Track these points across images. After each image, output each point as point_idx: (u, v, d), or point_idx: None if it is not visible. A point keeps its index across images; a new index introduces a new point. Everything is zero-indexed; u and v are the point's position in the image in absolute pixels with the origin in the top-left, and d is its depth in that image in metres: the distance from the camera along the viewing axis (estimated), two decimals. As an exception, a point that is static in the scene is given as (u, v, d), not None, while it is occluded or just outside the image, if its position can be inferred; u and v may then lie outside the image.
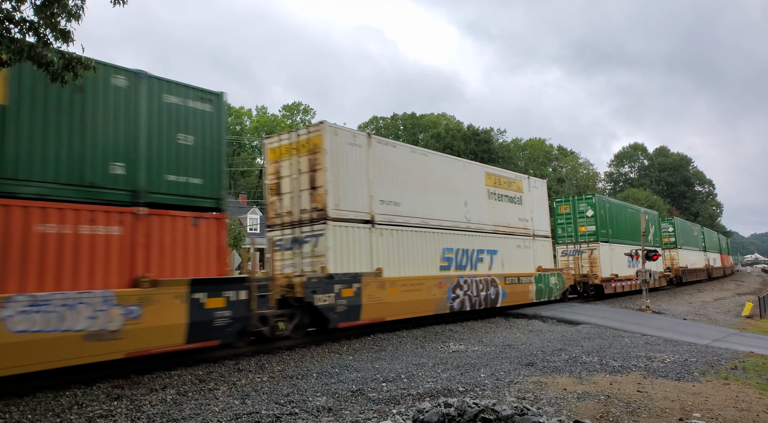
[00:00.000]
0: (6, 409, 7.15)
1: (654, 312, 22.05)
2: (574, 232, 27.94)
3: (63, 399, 7.68)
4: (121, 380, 8.81)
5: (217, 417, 6.75)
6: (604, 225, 27.78)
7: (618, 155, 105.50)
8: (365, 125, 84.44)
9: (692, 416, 6.91)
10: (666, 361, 10.79)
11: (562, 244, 28.28)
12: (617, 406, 7.22)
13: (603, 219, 27.68)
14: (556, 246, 27.51)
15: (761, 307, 26.49)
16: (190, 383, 8.73)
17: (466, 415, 5.93)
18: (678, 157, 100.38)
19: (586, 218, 27.51)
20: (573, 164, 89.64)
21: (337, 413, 6.84)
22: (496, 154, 62.20)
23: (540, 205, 23.05)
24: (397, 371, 9.43)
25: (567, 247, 28.20)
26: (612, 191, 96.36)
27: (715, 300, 31.46)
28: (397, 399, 7.47)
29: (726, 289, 41.78)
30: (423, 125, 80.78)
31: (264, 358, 10.86)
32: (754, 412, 7.22)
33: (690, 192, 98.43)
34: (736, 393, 8.28)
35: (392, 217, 15.22)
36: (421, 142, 66.98)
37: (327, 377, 9.09)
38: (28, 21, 6.29)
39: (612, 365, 10.22)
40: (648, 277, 24.03)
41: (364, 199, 14.42)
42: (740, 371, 10.25)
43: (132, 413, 6.99)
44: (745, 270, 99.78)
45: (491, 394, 7.81)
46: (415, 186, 16.15)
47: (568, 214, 28.38)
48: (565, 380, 8.87)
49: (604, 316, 18.91)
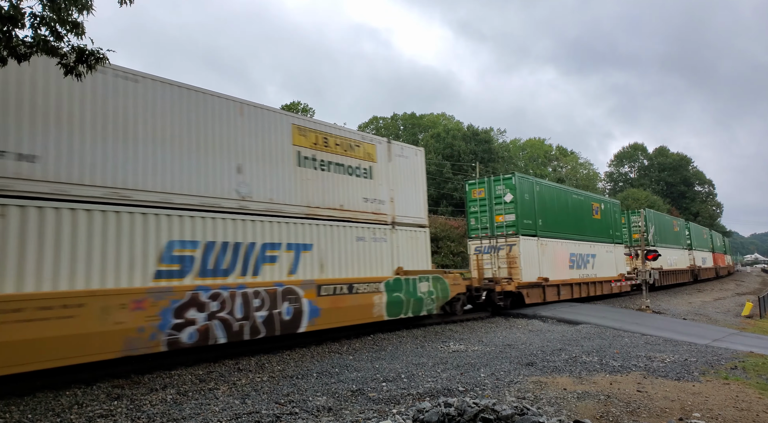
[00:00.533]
0: (6, 409, 7.15)
1: (654, 312, 22.05)
2: (490, 222, 21.33)
3: (63, 399, 7.68)
4: (121, 380, 8.82)
5: (217, 417, 6.75)
6: (529, 213, 21.34)
7: (618, 155, 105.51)
8: (365, 125, 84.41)
9: (692, 416, 6.91)
10: (666, 361, 10.80)
11: (476, 239, 21.75)
12: (617, 406, 7.22)
13: (527, 206, 21.22)
14: (469, 241, 22.14)
15: (761, 307, 26.49)
16: (190, 383, 8.74)
17: (466, 414, 5.93)
18: (678, 157, 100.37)
19: (504, 205, 20.99)
20: (573, 164, 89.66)
21: (338, 413, 6.84)
22: (496, 154, 62.18)
23: (409, 182, 16.23)
24: (397, 371, 9.43)
25: (482, 242, 21.52)
26: (612, 191, 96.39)
27: (715, 300, 31.47)
28: (397, 399, 7.48)
29: (726, 289, 41.78)
30: (423, 125, 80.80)
31: (264, 358, 10.86)
32: (754, 411, 7.23)
33: (690, 192, 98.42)
34: (736, 393, 8.28)
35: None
36: (421, 141, 66.98)
37: (327, 377, 9.09)
38: (39, 15, 6.32)
39: (612, 365, 10.23)
40: (648, 277, 24.03)
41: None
42: (740, 371, 10.25)
43: (132, 413, 7.00)
44: (745, 270, 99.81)
45: (491, 393, 7.82)
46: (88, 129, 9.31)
47: (483, 201, 21.74)
48: (565, 380, 8.88)
49: (604, 316, 18.91)
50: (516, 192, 20.84)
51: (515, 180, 20.95)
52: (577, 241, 24.48)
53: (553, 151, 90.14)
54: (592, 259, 25.73)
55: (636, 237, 35.20)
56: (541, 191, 22.67)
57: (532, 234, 21.34)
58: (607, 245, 27.67)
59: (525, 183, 21.61)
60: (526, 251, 20.67)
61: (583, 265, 24.74)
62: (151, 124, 10.21)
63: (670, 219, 42.21)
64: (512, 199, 20.89)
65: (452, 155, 58.84)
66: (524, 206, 21.08)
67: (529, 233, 21.09)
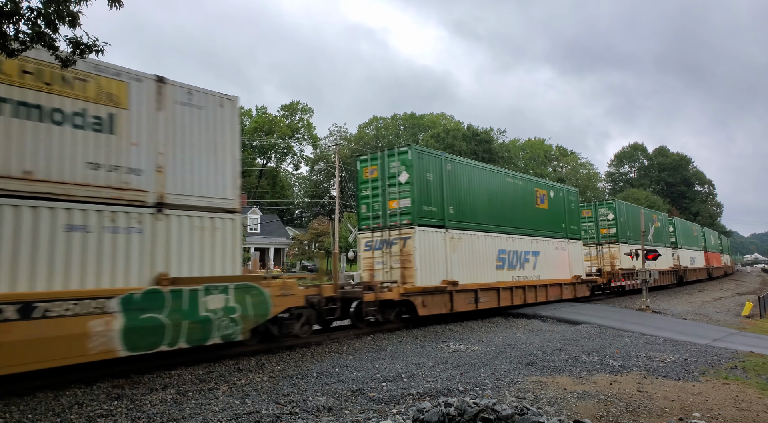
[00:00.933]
0: (6, 409, 7.15)
1: (654, 312, 22.05)
2: (383, 210, 16.47)
3: (63, 399, 7.68)
4: (122, 380, 8.82)
5: (217, 417, 6.75)
6: (433, 198, 16.39)
7: (618, 155, 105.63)
8: (365, 125, 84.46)
9: (692, 416, 6.91)
10: (666, 361, 10.80)
11: (367, 231, 16.80)
12: (617, 406, 7.22)
13: (430, 188, 16.33)
14: (360, 235, 17.19)
15: (761, 307, 26.49)
16: (190, 383, 8.74)
17: (466, 414, 5.93)
18: (678, 157, 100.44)
19: (399, 187, 16.05)
20: (573, 164, 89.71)
21: (338, 413, 6.84)
22: (496, 154, 62.21)
23: (203, 144, 10.85)
24: (397, 371, 9.43)
25: (373, 235, 16.65)
26: (612, 191, 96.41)
27: (715, 300, 31.47)
28: (397, 399, 7.48)
29: (726, 289, 41.79)
30: (423, 125, 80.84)
31: (264, 358, 10.86)
32: (753, 411, 7.23)
33: (690, 192, 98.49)
34: (736, 393, 8.28)
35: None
36: (421, 141, 67.00)
37: (327, 377, 9.10)
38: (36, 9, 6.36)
39: (612, 365, 10.23)
40: (648, 277, 24.03)
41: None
42: (740, 371, 10.25)
43: (132, 413, 7.00)
44: (745, 270, 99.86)
45: (491, 393, 7.82)
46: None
47: (376, 182, 16.69)
48: (565, 380, 8.88)
49: (604, 316, 18.91)
50: (413, 170, 15.78)
51: (411, 154, 15.84)
52: (510, 236, 19.72)
53: (553, 151, 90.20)
54: (533, 258, 20.99)
55: (605, 232, 30.23)
56: (455, 171, 17.52)
57: (438, 224, 16.47)
58: (558, 241, 22.90)
59: (428, 159, 16.54)
60: (424, 246, 15.75)
61: (519, 265, 20.10)
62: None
63: (648, 213, 36.19)
64: (408, 178, 15.72)
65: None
66: (425, 188, 16.12)
67: (431, 223, 16.19)
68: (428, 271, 15.79)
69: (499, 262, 19.06)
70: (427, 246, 15.89)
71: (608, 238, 30.33)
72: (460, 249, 17.18)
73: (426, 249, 15.86)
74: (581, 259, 24.84)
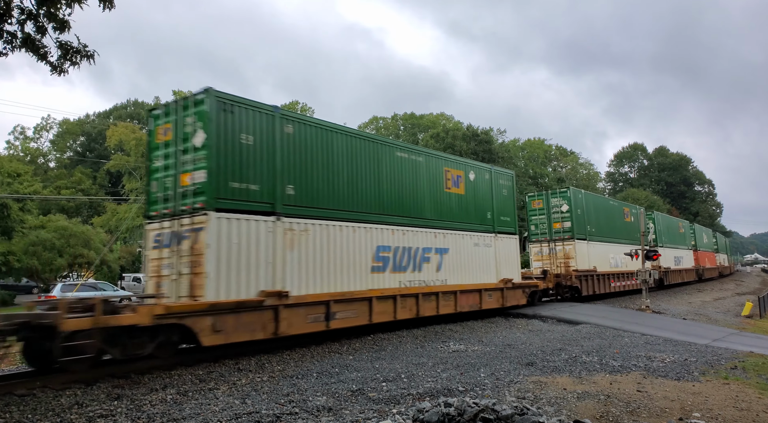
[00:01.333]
0: (6, 409, 7.15)
1: (654, 312, 22.06)
2: (174, 189, 11.58)
3: (63, 399, 7.68)
4: (122, 380, 8.82)
5: (217, 417, 6.75)
6: (250, 171, 11.47)
7: (618, 155, 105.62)
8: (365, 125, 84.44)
9: (692, 416, 6.91)
10: (666, 361, 10.80)
11: (156, 220, 11.82)
12: (617, 406, 7.22)
13: (244, 155, 11.38)
14: (148, 226, 12.00)
15: (761, 307, 26.50)
16: (190, 383, 8.74)
17: (466, 414, 5.93)
18: (677, 157, 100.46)
19: (194, 154, 11.17)
20: (573, 164, 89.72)
21: (337, 413, 6.84)
22: (496, 154, 62.23)
23: None
24: (397, 371, 9.44)
25: (162, 226, 11.72)
26: (612, 191, 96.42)
27: (714, 300, 31.48)
28: (397, 399, 7.48)
29: (726, 289, 41.79)
30: (423, 125, 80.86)
31: (264, 358, 10.86)
32: (753, 411, 7.23)
33: (690, 192, 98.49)
34: (735, 393, 8.28)
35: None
36: (421, 141, 67.01)
37: (327, 377, 9.10)
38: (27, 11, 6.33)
39: (612, 365, 10.23)
40: (648, 277, 24.04)
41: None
42: (740, 371, 10.26)
43: (132, 413, 7.00)
44: (745, 270, 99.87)
45: (491, 393, 7.82)
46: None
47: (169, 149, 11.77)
48: (565, 380, 8.88)
49: (604, 316, 18.91)
50: (211, 127, 10.78)
51: (209, 104, 10.79)
52: (399, 228, 14.90)
53: (553, 151, 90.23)
54: (437, 257, 16.10)
55: (558, 227, 25.26)
56: (301, 136, 12.61)
57: (262, 210, 11.46)
58: (479, 235, 18.08)
59: (243, 114, 11.46)
60: (229, 241, 10.75)
61: (414, 266, 15.23)
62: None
63: (617, 205, 31.73)
64: (204, 141, 10.79)
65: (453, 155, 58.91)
66: (233, 155, 11.10)
67: (246, 208, 11.21)
68: (234, 279, 10.75)
69: (378, 263, 14.09)
70: (234, 241, 10.81)
71: (562, 234, 25.04)
72: (303, 245, 12.21)
73: (232, 245, 10.77)
74: (516, 258, 20.04)
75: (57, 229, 35.05)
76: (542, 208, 25.98)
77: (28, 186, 40.79)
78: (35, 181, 45.58)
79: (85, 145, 76.34)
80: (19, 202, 35.91)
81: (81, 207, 59.46)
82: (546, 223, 25.73)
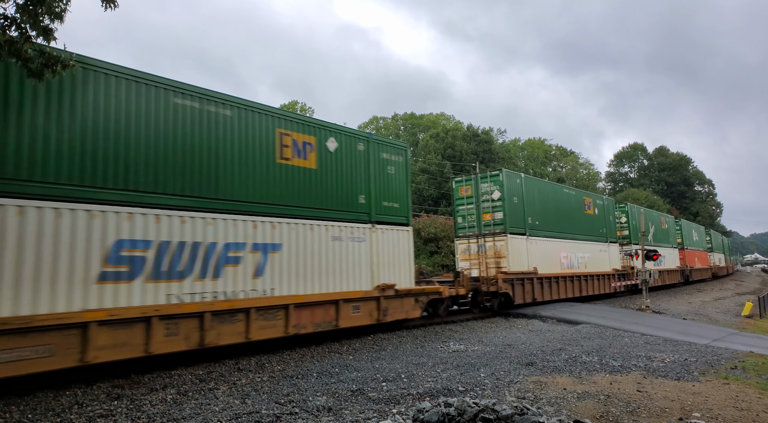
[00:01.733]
0: (6, 409, 7.15)
1: (654, 312, 22.06)
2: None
3: (63, 399, 7.68)
4: (121, 380, 8.82)
5: (217, 417, 6.76)
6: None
7: (618, 155, 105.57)
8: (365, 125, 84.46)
9: (692, 416, 6.91)
10: (666, 361, 10.80)
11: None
12: (617, 406, 7.22)
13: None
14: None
15: (761, 307, 26.50)
16: (190, 383, 8.74)
17: (466, 414, 5.93)
18: (678, 157, 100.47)
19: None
20: (573, 164, 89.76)
21: (338, 413, 6.85)
22: (497, 154, 62.22)
23: None
24: (397, 371, 9.44)
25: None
26: (612, 191, 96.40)
27: (714, 300, 31.48)
28: (397, 399, 7.48)
29: (726, 289, 41.80)
30: (423, 125, 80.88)
31: (264, 358, 10.87)
32: (753, 411, 7.23)
33: (690, 192, 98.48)
34: (735, 393, 8.28)
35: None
36: (422, 141, 67.04)
37: (327, 377, 9.10)
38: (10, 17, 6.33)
39: (612, 365, 10.23)
40: (648, 277, 24.04)
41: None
42: (740, 371, 10.26)
43: (132, 413, 7.00)
44: (745, 270, 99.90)
45: (491, 393, 7.82)
46: None
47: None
48: (564, 380, 8.88)
49: (604, 316, 18.91)
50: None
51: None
52: (172, 213, 9.99)
53: (553, 151, 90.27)
54: (256, 257, 11.32)
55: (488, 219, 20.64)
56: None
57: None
58: (341, 226, 13.38)
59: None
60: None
61: (204, 270, 10.31)
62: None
63: (575, 194, 26.18)
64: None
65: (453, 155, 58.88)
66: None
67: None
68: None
69: (119, 267, 9.09)
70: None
71: (492, 228, 20.39)
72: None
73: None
74: (408, 256, 15.24)
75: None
76: (470, 196, 21.19)
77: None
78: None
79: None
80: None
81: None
82: (474, 214, 20.97)
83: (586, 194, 27.55)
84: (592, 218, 26.92)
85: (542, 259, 21.92)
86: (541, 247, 22.05)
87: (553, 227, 23.21)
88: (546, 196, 23.32)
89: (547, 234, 22.57)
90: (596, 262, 26.31)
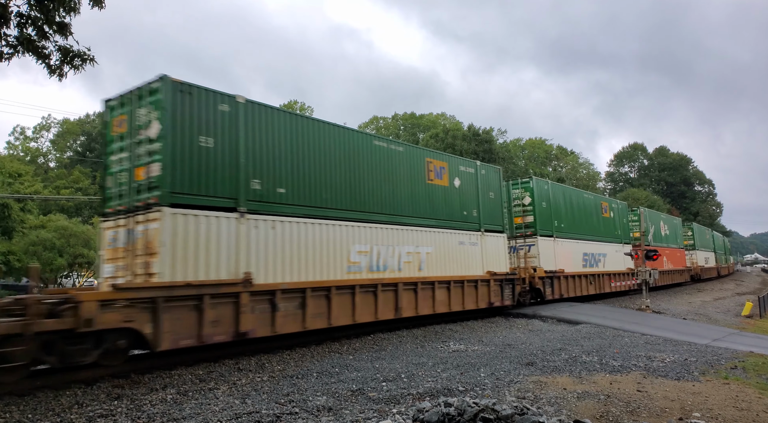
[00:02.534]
0: (6, 409, 7.15)
1: (654, 312, 22.06)
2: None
3: (63, 399, 7.68)
4: (122, 380, 8.82)
5: (217, 416, 6.76)
6: None
7: (618, 155, 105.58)
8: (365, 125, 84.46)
9: (692, 416, 6.92)
10: (666, 361, 10.80)
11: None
12: (617, 406, 7.22)
13: None
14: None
15: (761, 307, 26.51)
16: (190, 383, 8.74)
17: (466, 414, 5.93)
18: (678, 157, 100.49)
19: None
20: (573, 164, 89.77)
21: (338, 413, 6.85)
22: (497, 154, 62.24)
23: None
24: (397, 371, 9.44)
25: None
26: (612, 191, 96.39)
27: (714, 300, 31.48)
28: (397, 398, 7.48)
29: (726, 289, 41.80)
30: (423, 125, 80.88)
31: (264, 358, 10.87)
32: (753, 411, 7.23)
33: (690, 192, 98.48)
34: (735, 392, 8.28)
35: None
36: (422, 141, 67.03)
37: (327, 377, 9.10)
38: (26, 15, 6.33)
39: (612, 365, 10.23)
40: (648, 277, 24.04)
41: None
42: (740, 371, 10.26)
43: (132, 413, 7.00)
44: (745, 270, 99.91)
45: (491, 393, 7.82)
46: None
47: None
48: (565, 380, 8.88)
49: (604, 316, 18.91)
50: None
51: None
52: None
53: (553, 151, 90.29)
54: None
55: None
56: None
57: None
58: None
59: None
60: None
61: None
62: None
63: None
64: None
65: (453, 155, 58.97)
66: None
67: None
68: None
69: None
70: None
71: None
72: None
73: None
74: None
75: (57, 228, 34.96)
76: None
77: (29, 186, 40.83)
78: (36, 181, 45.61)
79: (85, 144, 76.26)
80: (19, 202, 35.90)
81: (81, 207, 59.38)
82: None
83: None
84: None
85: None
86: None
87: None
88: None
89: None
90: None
